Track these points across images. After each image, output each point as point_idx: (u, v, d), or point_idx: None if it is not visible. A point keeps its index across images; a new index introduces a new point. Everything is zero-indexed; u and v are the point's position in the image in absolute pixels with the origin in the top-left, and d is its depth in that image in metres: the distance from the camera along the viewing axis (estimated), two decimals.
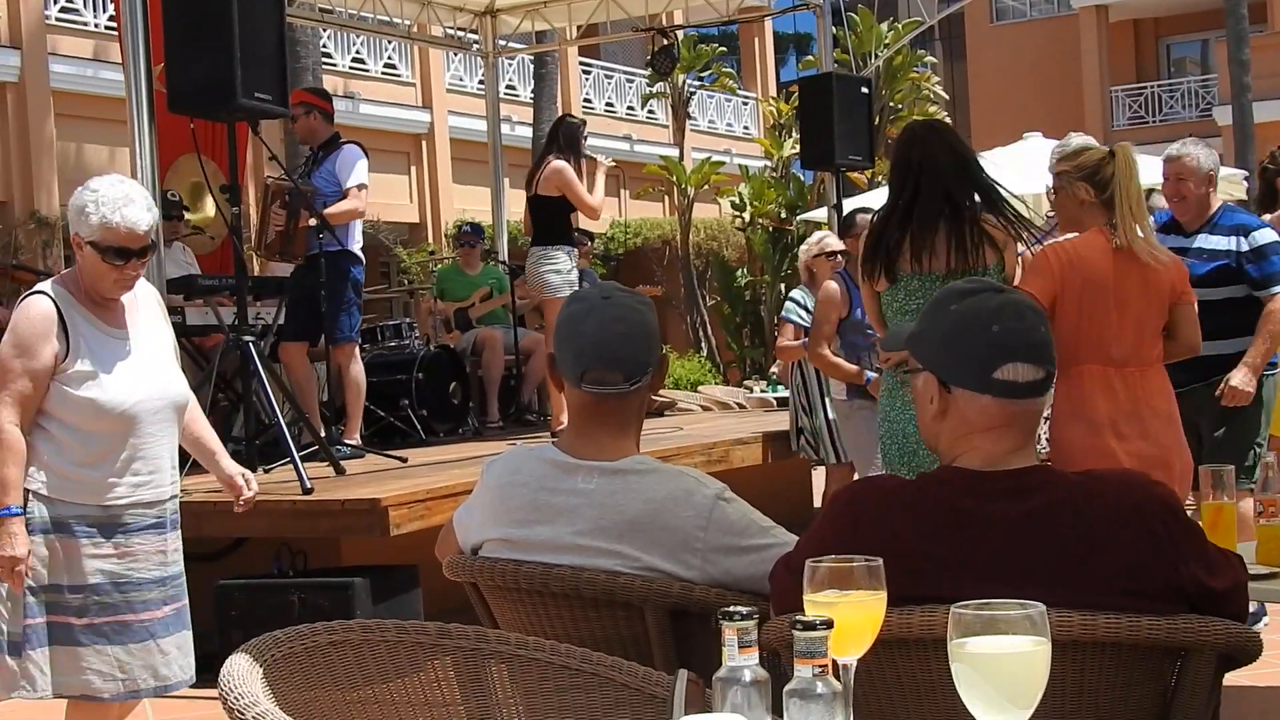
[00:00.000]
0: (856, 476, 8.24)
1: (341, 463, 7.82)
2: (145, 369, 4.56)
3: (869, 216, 8.19)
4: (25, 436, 4.42)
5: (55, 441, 4.45)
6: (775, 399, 14.33)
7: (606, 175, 9.53)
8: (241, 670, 2.32)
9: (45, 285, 4.54)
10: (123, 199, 4.42)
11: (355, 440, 8.87)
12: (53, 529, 4.45)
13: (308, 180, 8.85)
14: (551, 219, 9.37)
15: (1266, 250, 6.30)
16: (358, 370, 8.92)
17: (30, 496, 4.42)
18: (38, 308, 4.45)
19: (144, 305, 4.68)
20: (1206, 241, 6.36)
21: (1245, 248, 6.29)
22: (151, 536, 4.58)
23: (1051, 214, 6.42)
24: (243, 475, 4.87)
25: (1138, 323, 5.29)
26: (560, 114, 14.91)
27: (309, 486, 6.84)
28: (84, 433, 4.45)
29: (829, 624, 1.92)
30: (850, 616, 2.04)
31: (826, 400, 8.82)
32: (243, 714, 2.19)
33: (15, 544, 4.33)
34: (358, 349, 9.05)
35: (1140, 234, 5.28)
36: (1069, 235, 5.52)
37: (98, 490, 4.47)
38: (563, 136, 9.46)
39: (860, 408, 7.94)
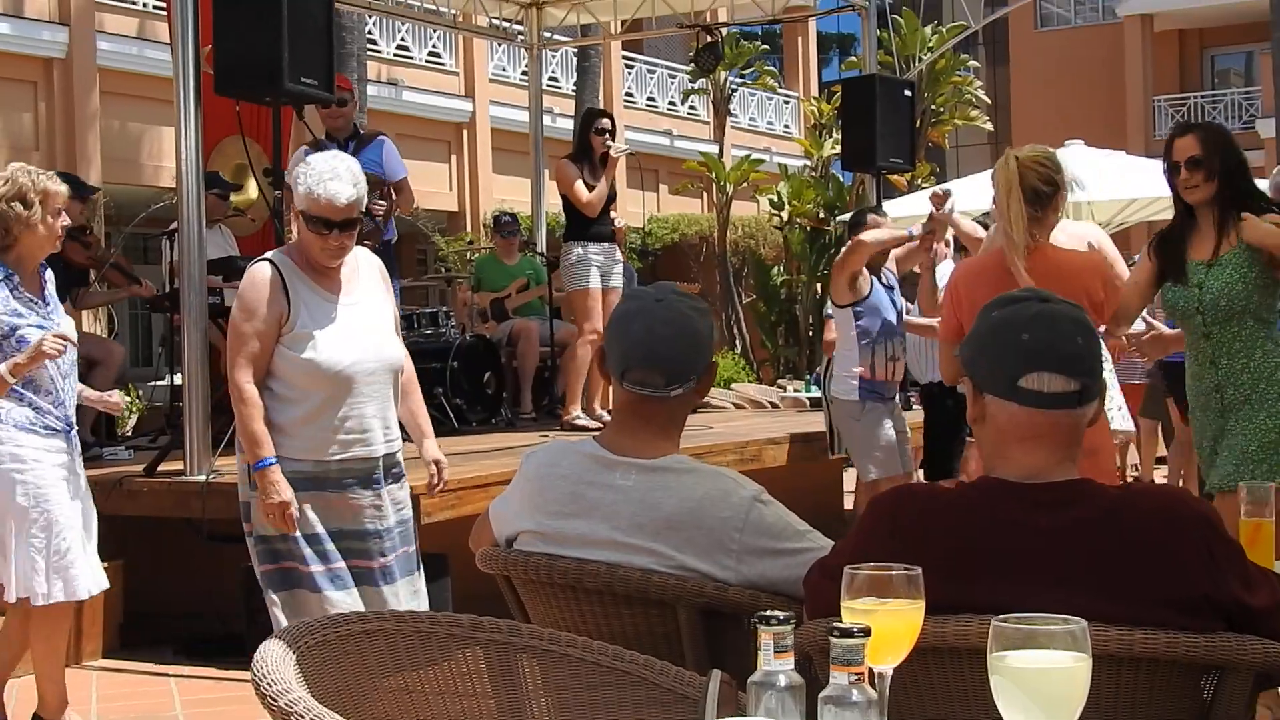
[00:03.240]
0: (864, 477, 8.16)
1: None
2: (361, 333, 4.78)
3: (877, 216, 8.21)
4: None
5: (275, 399, 4.69)
6: (808, 399, 14.26)
7: (620, 162, 9.53)
8: (274, 657, 2.32)
9: (270, 254, 4.82)
10: (329, 173, 4.66)
11: None
12: None
13: None
14: (570, 214, 9.54)
15: None
16: None
17: None
18: (260, 274, 4.72)
19: (365, 274, 4.91)
20: None
21: None
22: (365, 491, 4.79)
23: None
24: (436, 462, 5.09)
25: None
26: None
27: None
28: (301, 392, 4.69)
29: (867, 632, 1.91)
30: (888, 625, 2.03)
31: (827, 401, 8.72)
32: (275, 700, 2.19)
33: (280, 490, 4.60)
34: None
35: (1017, 250, 4.96)
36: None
37: (312, 448, 4.70)
38: (576, 133, 9.55)
39: (871, 409, 7.88)
